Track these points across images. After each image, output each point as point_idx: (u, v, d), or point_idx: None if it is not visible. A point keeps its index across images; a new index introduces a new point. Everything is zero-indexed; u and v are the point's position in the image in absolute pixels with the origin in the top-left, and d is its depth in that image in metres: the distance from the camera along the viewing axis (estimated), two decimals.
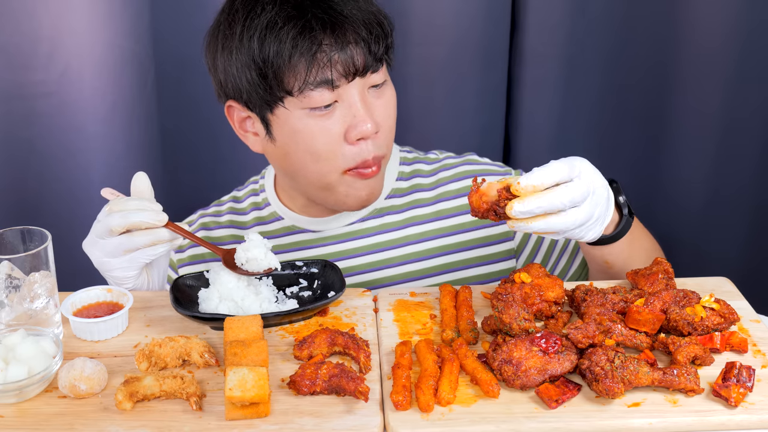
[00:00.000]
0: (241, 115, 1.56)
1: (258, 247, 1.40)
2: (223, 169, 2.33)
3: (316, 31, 1.43)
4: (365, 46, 1.46)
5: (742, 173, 2.32)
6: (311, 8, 1.44)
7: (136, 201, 1.39)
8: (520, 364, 1.19)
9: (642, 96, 2.30)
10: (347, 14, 1.45)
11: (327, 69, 1.44)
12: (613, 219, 1.42)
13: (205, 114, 2.27)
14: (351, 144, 1.50)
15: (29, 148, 2.12)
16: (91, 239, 1.42)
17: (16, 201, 2.16)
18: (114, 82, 2.11)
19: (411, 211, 1.69)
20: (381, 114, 1.52)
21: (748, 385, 1.17)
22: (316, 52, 1.43)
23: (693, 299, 1.31)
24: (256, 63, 1.45)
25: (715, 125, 2.28)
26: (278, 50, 1.43)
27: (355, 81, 1.47)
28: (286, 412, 1.17)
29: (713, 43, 2.20)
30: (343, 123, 1.48)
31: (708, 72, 2.23)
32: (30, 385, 1.18)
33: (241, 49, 1.46)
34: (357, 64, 1.46)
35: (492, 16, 2.22)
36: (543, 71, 2.27)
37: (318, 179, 1.54)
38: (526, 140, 2.35)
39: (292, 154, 1.52)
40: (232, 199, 1.79)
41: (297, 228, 1.69)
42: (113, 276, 1.43)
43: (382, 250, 1.67)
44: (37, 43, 2.04)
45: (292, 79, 1.45)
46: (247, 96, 1.50)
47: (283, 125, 1.50)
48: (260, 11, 1.45)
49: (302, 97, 1.46)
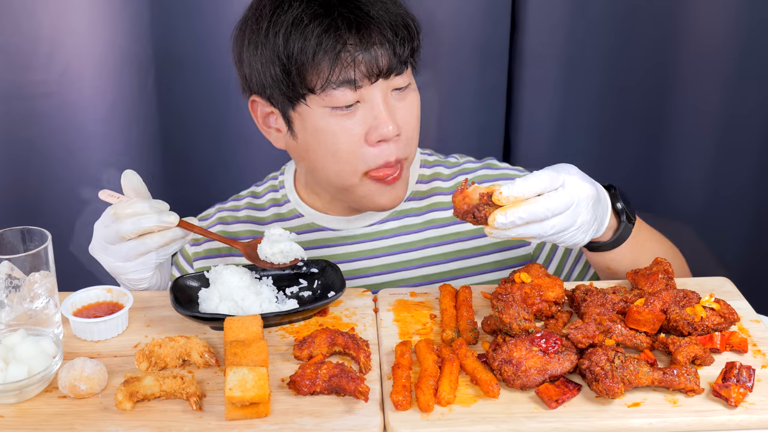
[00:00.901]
0: (265, 111, 1.56)
1: (283, 239, 1.41)
2: (223, 168, 2.33)
3: (342, 30, 1.42)
4: (390, 48, 1.45)
5: (742, 173, 2.32)
6: (338, 7, 1.44)
7: (141, 204, 1.38)
8: (520, 364, 1.19)
9: (642, 96, 2.30)
10: (374, 15, 1.45)
11: (350, 69, 1.43)
12: (611, 225, 1.42)
13: (205, 114, 2.27)
14: (372, 146, 1.48)
15: (29, 148, 2.12)
16: (100, 245, 1.41)
17: (16, 201, 2.16)
18: (114, 82, 2.11)
19: (430, 214, 1.68)
20: (403, 117, 1.50)
21: (748, 385, 1.17)
22: (341, 51, 1.42)
23: (693, 299, 1.31)
24: (280, 59, 1.45)
25: (715, 125, 2.28)
26: (302, 47, 1.43)
27: (378, 82, 1.46)
28: (286, 412, 1.17)
29: (713, 42, 2.20)
30: (365, 124, 1.47)
31: (708, 71, 2.23)
32: (30, 385, 1.18)
33: (267, 44, 1.46)
34: (381, 65, 1.45)
35: (492, 16, 2.22)
36: (543, 71, 2.27)
37: (338, 180, 1.53)
38: (526, 140, 2.35)
39: (313, 152, 1.52)
40: (250, 195, 1.78)
41: (316, 226, 1.68)
42: (128, 279, 1.43)
43: (401, 252, 1.67)
44: (37, 43, 2.04)
45: (315, 77, 1.44)
46: (270, 91, 1.50)
47: (304, 123, 1.50)
48: (287, 8, 1.45)
49: (324, 96, 1.45)
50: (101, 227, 1.40)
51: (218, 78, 2.23)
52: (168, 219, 1.37)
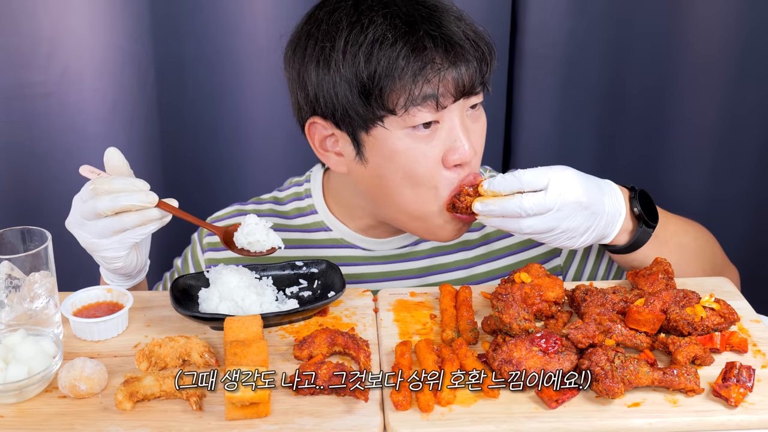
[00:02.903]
0: (324, 134, 1.47)
1: (258, 228, 1.39)
2: (222, 169, 2.33)
3: (428, 49, 1.36)
4: (475, 67, 1.39)
5: (743, 173, 2.32)
6: (423, 24, 1.37)
7: (121, 181, 1.35)
8: (520, 364, 1.19)
9: (642, 96, 2.30)
10: (458, 33, 1.39)
11: (435, 86, 1.36)
12: (626, 227, 1.43)
13: (205, 114, 2.27)
14: (448, 169, 1.41)
15: (29, 149, 2.12)
16: (77, 220, 1.38)
17: (16, 201, 2.16)
18: (114, 83, 2.11)
19: (464, 235, 1.62)
20: (476, 139, 1.44)
21: (748, 385, 1.17)
22: (428, 69, 1.36)
23: (693, 299, 1.31)
24: (360, 79, 1.37)
25: (715, 125, 2.28)
26: (388, 66, 1.35)
27: (457, 104, 1.40)
28: (286, 412, 1.17)
29: (713, 42, 2.20)
30: (443, 147, 1.40)
31: (708, 71, 2.23)
32: (30, 385, 1.18)
33: (344, 63, 1.37)
34: (465, 83, 1.38)
35: (492, 16, 2.22)
36: (543, 71, 2.27)
37: (415, 207, 1.45)
38: (526, 140, 2.35)
39: (388, 178, 1.43)
40: (272, 200, 1.71)
41: (346, 242, 1.62)
42: (102, 257, 1.39)
43: (432, 273, 1.63)
44: (37, 44, 2.04)
45: (398, 97, 1.37)
46: (342, 113, 1.41)
47: (380, 147, 1.41)
48: (368, 24, 1.37)
49: (405, 116, 1.37)
50: (79, 202, 1.37)
51: (218, 79, 2.23)
52: (146, 198, 1.34)
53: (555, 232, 1.34)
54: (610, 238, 1.42)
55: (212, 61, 2.21)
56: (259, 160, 2.31)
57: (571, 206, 1.33)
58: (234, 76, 2.23)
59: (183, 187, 2.32)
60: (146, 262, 1.49)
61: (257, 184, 2.25)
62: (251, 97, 2.23)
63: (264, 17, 2.15)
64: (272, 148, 2.29)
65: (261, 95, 2.24)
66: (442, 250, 1.64)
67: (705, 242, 1.58)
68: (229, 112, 2.26)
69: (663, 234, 1.49)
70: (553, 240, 1.37)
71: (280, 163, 2.28)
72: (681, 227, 1.55)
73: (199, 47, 2.20)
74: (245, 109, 2.26)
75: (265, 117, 2.24)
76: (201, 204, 1.88)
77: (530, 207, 1.32)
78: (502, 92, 2.33)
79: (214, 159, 2.32)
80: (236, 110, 2.26)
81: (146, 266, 1.50)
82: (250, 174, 2.32)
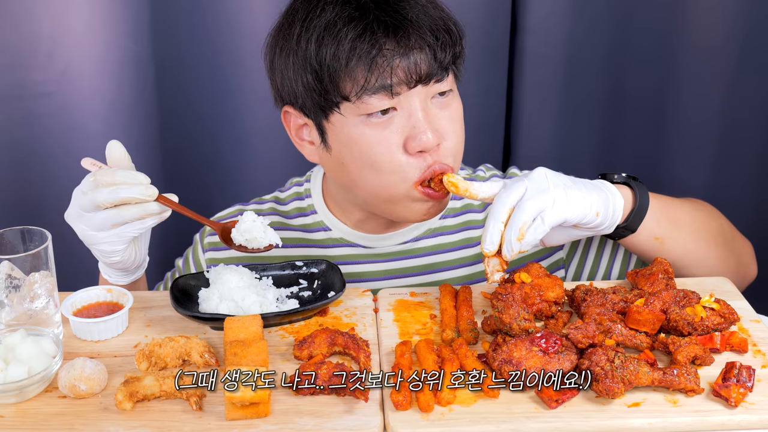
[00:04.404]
0: (298, 123, 1.48)
1: (256, 225, 1.39)
2: (222, 168, 2.33)
3: (378, 35, 1.35)
4: (430, 53, 1.37)
5: (743, 173, 2.32)
6: (374, 10, 1.36)
7: (122, 173, 1.35)
8: (520, 364, 1.19)
9: (642, 96, 2.30)
10: (412, 18, 1.37)
11: (387, 74, 1.35)
12: (626, 196, 1.42)
13: (205, 114, 2.27)
14: (412, 156, 1.40)
15: (29, 148, 2.12)
16: (76, 212, 1.37)
17: (16, 201, 2.16)
18: (114, 82, 2.11)
19: (464, 233, 1.63)
20: (444, 126, 1.42)
21: (748, 385, 1.17)
22: (376, 56, 1.35)
23: (693, 299, 1.31)
24: (312, 66, 1.37)
25: (715, 125, 2.28)
26: (336, 53, 1.35)
27: (417, 89, 1.39)
28: (286, 412, 1.17)
29: (713, 42, 2.20)
30: (402, 133, 1.39)
31: (708, 71, 2.23)
32: (30, 385, 1.18)
33: (298, 51, 1.39)
34: (420, 71, 1.37)
35: (492, 16, 2.22)
36: (543, 72, 2.27)
37: (385, 191, 1.44)
38: (526, 140, 2.35)
39: (349, 165, 1.43)
40: (273, 200, 1.71)
41: (346, 241, 1.62)
42: (100, 250, 1.39)
43: (435, 271, 1.63)
44: (37, 43, 2.04)
45: (350, 84, 1.37)
46: (302, 101, 1.43)
47: (338, 133, 1.42)
48: (320, 12, 1.38)
49: (359, 103, 1.37)
50: (79, 194, 1.37)
51: (218, 78, 2.23)
52: (146, 191, 1.34)
53: (560, 204, 1.31)
54: (616, 204, 1.39)
55: (212, 61, 2.21)
56: (259, 160, 2.30)
57: (555, 178, 1.33)
58: (234, 76, 2.23)
59: (182, 186, 2.31)
60: (145, 258, 1.49)
61: (257, 184, 2.25)
62: (251, 97, 2.23)
63: (264, 17, 2.14)
64: (272, 147, 2.28)
65: (261, 95, 2.23)
66: (444, 248, 1.64)
67: (709, 214, 1.56)
68: (229, 112, 2.26)
69: (670, 212, 1.47)
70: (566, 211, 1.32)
71: (280, 163, 2.28)
72: (684, 203, 1.54)
73: (199, 47, 2.20)
74: (245, 109, 2.26)
75: (266, 117, 2.24)
76: (201, 204, 1.88)
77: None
78: (502, 92, 2.33)
79: (213, 159, 2.32)
80: (236, 110, 2.26)
81: (145, 262, 1.50)
82: (250, 174, 2.32)
